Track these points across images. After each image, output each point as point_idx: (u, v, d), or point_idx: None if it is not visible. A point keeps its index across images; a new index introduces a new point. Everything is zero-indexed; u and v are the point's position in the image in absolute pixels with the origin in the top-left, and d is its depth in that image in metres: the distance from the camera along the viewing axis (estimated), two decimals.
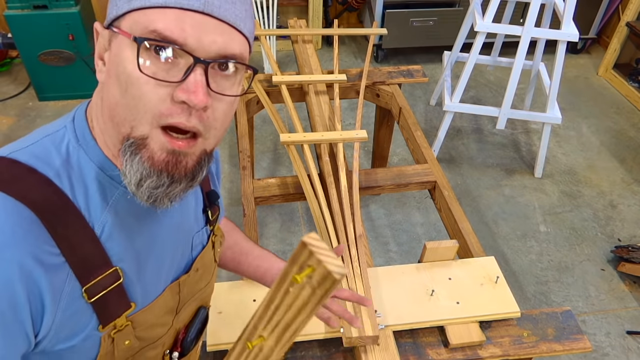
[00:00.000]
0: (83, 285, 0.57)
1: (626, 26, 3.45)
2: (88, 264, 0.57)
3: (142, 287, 0.65)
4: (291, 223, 2.53)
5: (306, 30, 2.27)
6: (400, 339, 1.15)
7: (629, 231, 2.55)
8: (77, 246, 0.56)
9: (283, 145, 1.64)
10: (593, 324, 2.13)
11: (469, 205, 2.65)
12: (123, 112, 0.54)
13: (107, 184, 0.60)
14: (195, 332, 0.78)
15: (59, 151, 0.58)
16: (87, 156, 0.59)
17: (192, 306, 0.77)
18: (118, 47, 0.54)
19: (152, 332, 0.68)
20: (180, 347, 0.76)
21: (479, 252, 1.40)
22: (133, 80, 0.52)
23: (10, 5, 2.80)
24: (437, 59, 3.68)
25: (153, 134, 0.54)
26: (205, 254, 0.77)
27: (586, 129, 3.23)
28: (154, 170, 0.55)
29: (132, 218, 0.62)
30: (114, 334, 0.62)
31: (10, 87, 3.34)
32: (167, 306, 0.70)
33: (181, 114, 0.53)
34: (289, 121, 2.89)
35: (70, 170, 0.58)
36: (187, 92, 0.52)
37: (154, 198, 0.56)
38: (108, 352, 0.64)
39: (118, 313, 0.62)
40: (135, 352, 0.68)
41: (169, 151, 0.55)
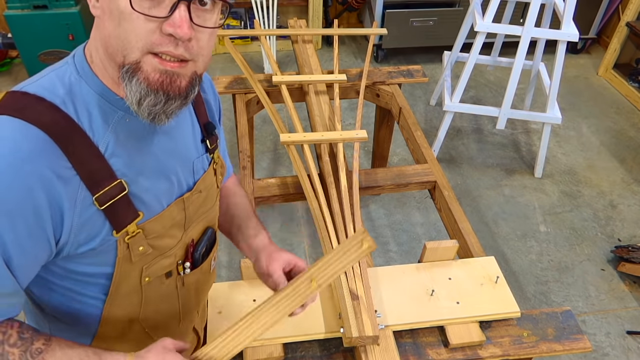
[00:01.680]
0: (93, 195, 0.66)
1: (626, 26, 3.45)
2: (96, 176, 0.66)
3: (147, 199, 0.73)
4: (291, 223, 2.53)
5: (306, 30, 2.27)
6: (400, 339, 1.15)
7: (629, 231, 2.55)
8: (85, 161, 0.65)
9: (283, 145, 1.65)
10: (593, 324, 2.13)
11: (469, 205, 2.65)
12: (116, 43, 0.62)
13: (107, 108, 0.68)
14: (204, 248, 0.87)
15: (63, 82, 0.66)
16: (88, 85, 0.67)
17: (199, 225, 0.86)
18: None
19: (163, 242, 0.78)
20: (191, 258, 0.85)
21: (479, 252, 1.40)
22: (125, 15, 0.60)
23: (10, 5, 2.80)
24: (437, 59, 3.68)
25: (145, 59, 0.62)
26: (207, 177, 0.85)
27: (586, 129, 3.23)
28: (151, 89, 0.63)
29: (132, 138, 0.70)
30: (128, 239, 0.72)
31: (10, 87, 3.31)
32: (174, 220, 0.78)
33: (169, 44, 0.61)
34: (289, 121, 2.89)
35: (73, 98, 0.66)
36: (173, 26, 0.60)
37: (154, 115, 0.65)
38: (125, 256, 0.73)
39: (128, 220, 0.71)
40: (151, 259, 0.77)
41: (162, 71, 0.63)
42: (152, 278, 0.79)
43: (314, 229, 2.47)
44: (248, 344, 0.83)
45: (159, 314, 0.86)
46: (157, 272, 0.79)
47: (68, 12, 2.85)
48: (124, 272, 0.75)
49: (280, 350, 1.09)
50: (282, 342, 1.11)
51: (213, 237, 0.90)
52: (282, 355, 1.09)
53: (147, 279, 0.78)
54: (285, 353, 1.10)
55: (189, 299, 0.91)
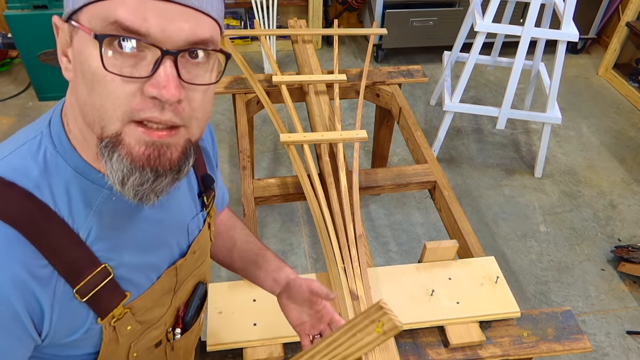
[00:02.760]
0: (74, 287, 0.58)
1: (626, 26, 3.45)
2: (76, 267, 0.57)
3: (136, 277, 0.65)
4: (291, 223, 2.53)
5: (306, 30, 2.27)
6: (400, 339, 1.15)
7: (629, 231, 2.55)
8: (62, 253, 0.56)
9: (283, 145, 1.64)
10: (593, 324, 2.13)
11: (469, 205, 2.65)
12: (92, 112, 0.52)
13: (89, 188, 0.58)
14: (195, 308, 0.79)
15: (36, 160, 0.56)
16: (66, 162, 0.57)
17: (190, 284, 0.77)
18: (80, 44, 0.51)
19: (152, 314, 0.69)
20: (182, 323, 0.77)
21: (479, 252, 1.40)
22: (99, 78, 0.49)
23: (10, 5, 2.80)
24: (437, 59, 3.68)
25: (126, 129, 0.51)
26: (201, 236, 0.77)
27: (586, 129, 3.23)
28: (135, 166, 0.52)
29: (119, 217, 0.61)
30: (114, 322, 0.64)
31: (10, 87, 3.34)
32: (164, 289, 0.71)
33: (153, 108, 0.50)
34: (289, 121, 2.89)
35: (50, 179, 0.56)
36: (157, 87, 0.49)
37: (140, 195, 0.54)
38: (112, 339, 0.65)
39: (114, 305, 0.63)
40: (138, 335, 0.69)
41: (148, 143, 0.52)
42: (141, 352, 0.71)
43: (314, 229, 2.47)
44: None
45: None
46: (146, 345, 0.72)
47: None
48: (110, 353, 0.67)
49: (280, 350, 1.09)
50: (282, 342, 1.11)
51: (204, 293, 0.82)
52: (282, 355, 1.09)
53: (135, 355, 0.70)
54: (285, 353, 1.10)
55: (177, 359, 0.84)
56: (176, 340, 0.77)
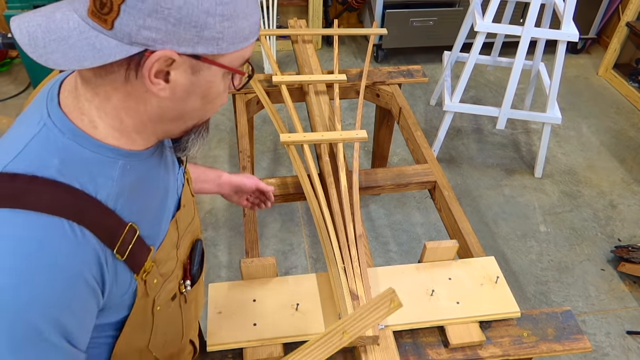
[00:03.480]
0: (113, 249, 0.64)
1: (626, 26, 3.45)
2: (111, 232, 0.64)
3: (154, 231, 0.73)
4: (291, 223, 2.53)
5: (306, 30, 2.27)
6: (400, 339, 1.15)
7: (629, 231, 2.55)
8: (99, 223, 0.62)
9: (283, 145, 1.65)
10: (593, 324, 2.13)
11: (469, 205, 2.65)
12: (201, 114, 0.70)
13: (106, 162, 0.64)
14: (198, 262, 0.87)
15: (51, 150, 0.61)
16: (79, 145, 0.62)
17: (187, 239, 0.85)
18: (212, 75, 0.64)
19: (167, 267, 0.77)
20: (190, 275, 0.85)
21: (479, 252, 1.40)
22: (221, 94, 0.68)
23: (10, 5, 2.80)
24: (437, 59, 3.69)
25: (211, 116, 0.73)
26: (185, 190, 0.86)
27: (586, 129, 3.23)
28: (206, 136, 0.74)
29: (136, 180, 0.69)
30: (145, 276, 0.71)
31: (10, 87, 3.34)
32: (172, 242, 0.79)
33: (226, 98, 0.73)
34: (288, 121, 2.89)
35: (68, 163, 0.61)
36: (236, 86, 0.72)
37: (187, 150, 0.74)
38: (143, 294, 0.72)
39: (144, 259, 0.70)
40: (159, 288, 0.76)
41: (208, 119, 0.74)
42: (162, 305, 0.79)
43: (314, 229, 2.47)
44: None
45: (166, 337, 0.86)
46: (165, 298, 0.79)
47: None
48: (140, 307, 0.74)
49: (280, 350, 1.09)
50: (282, 342, 1.11)
51: (202, 248, 0.91)
52: (282, 355, 1.09)
53: (158, 308, 0.78)
54: (285, 353, 1.10)
55: (190, 315, 0.92)
56: (187, 292, 0.85)
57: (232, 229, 2.45)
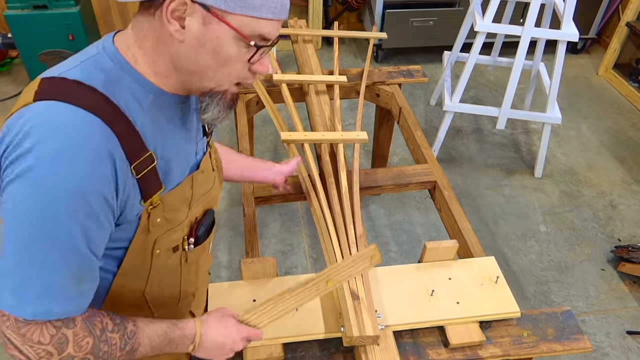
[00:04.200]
0: (132, 164, 0.73)
1: (626, 26, 3.45)
2: (134, 149, 0.74)
3: (169, 173, 0.82)
4: (291, 223, 2.53)
5: (306, 30, 2.27)
6: (400, 339, 1.15)
7: (629, 231, 2.55)
8: (127, 137, 0.72)
9: (283, 143, 1.64)
10: (593, 324, 2.13)
11: (469, 205, 2.65)
12: (214, 75, 0.75)
13: (140, 93, 0.76)
14: (206, 227, 0.95)
15: (100, 69, 0.73)
16: (122, 71, 0.74)
17: (200, 206, 0.94)
18: (221, 32, 0.70)
19: (175, 215, 0.86)
20: (195, 235, 0.93)
21: (479, 252, 1.40)
22: (232, 60, 0.74)
23: (10, 5, 2.80)
24: (437, 59, 3.69)
25: (231, 88, 0.79)
26: (206, 159, 0.95)
27: (586, 129, 3.23)
28: (225, 107, 0.80)
29: (160, 118, 0.79)
30: (150, 209, 0.80)
31: (10, 87, 3.34)
32: (184, 195, 0.87)
33: (252, 78, 0.79)
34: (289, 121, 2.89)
35: (111, 82, 0.73)
36: (263, 67, 0.77)
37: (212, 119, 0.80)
38: (145, 226, 0.81)
39: (154, 190, 0.79)
40: (164, 232, 0.85)
41: (234, 95, 0.81)
42: (162, 251, 0.87)
43: (314, 229, 2.47)
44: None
45: (162, 289, 0.93)
46: (167, 245, 0.87)
47: (68, 12, 2.84)
48: (139, 243, 0.82)
49: (280, 350, 1.09)
50: (282, 342, 1.11)
51: (212, 219, 0.99)
52: (282, 355, 1.09)
53: (157, 252, 0.86)
54: (285, 353, 1.10)
55: (189, 276, 0.98)
56: (190, 251, 0.93)
57: (232, 229, 2.45)
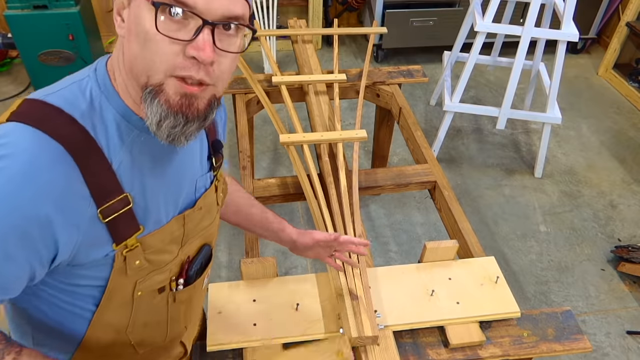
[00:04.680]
0: (99, 207, 0.67)
1: (626, 26, 3.45)
2: (104, 190, 0.67)
3: (150, 214, 0.74)
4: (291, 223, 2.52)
5: (306, 30, 2.27)
6: (400, 339, 1.15)
7: (629, 231, 2.55)
8: (96, 175, 0.66)
9: (283, 145, 1.65)
10: (593, 324, 2.13)
11: (469, 205, 2.65)
12: (141, 64, 0.63)
13: (124, 126, 0.69)
14: (199, 265, 0.87)
15: (84, 96, 0.68)
16: (108, 102, 0.68)
17: (196, 242, 0.86)
18: (137, 8, 0.62)
19: (160, 257, 0.78)
20: (186, 275, 0.85)
21: (479, 252, 1.40)
22: (151, 37, 0.61)
23: (10, 5, 2.80)
24: (437, 59, 3.68)
25: (168, 81, 0.63)
26: (208, 195, 0.87)
27: (586, 129, 3.23)
28: (171, 111, 0.64)
29: (145, 156, 0.72)
30: (126, 252, 0.72)
31: (10, 87, 3.34)
32: (172, 235, 0.79)
33: (191, 68, 0.62)
34: (288, 121, 2.89)
35: (93, 113, 0.67)
36: (197, 49, 0.61)
37: (173, 137, 0.66)
38: (121, 269, 0.73)
39: (129, 233, 0.71)
40: (146, 274, 0.77)
41: (182, 94, 0.64)
42: (145, 292, 0.79)
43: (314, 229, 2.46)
44: None
45: (147, 328, 0.86)
46: (151, 286, 0.80)
47: (68, 12, 2.84)
48: (117, 285, 0.75)
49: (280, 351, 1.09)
50: (282, 342, 1.11)
51: (209, 255, 0.91)
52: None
53: (139, 293, 0.79)
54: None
55: (178, 315, 0.91)
56: (179, 291, 0.85)
57: (232, 228, 2.45)
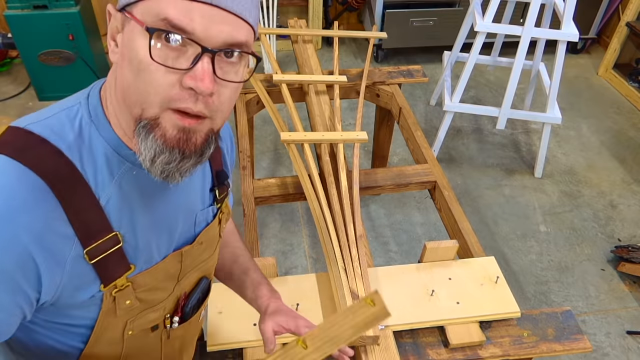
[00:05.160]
0: (85, 248, 0.62)
1: (626, 26, 3.45)
2: (91, 229, 0.62)
3: (142, 252, 0.69)
4: (291, 223, 2.53)
5: (306, 30, 2.27)
6: (400, 339, 1.15)
7: (629, 231, 2.55)
8: (82, 213, 0.61)
9: (283, 143, 1.65)
10: (593, 324, 2.13)
11: (469, 205, 2.65)
12: (135, 95, 0.58)
13: (114, 159, 0.64)
14: (196, 301, 0.82)
15: (73, 126, 0.62)
16: (98, 132, 0.63)
17: (194, 276, 0.81)
18: (131, 33, 0.57)
19: (153, 295, 0.73)
20: (181, 312, 0.81)
21: (479, 252, 1.40)
22: (145, 66, 0.55)
23: (10, 5, 2.80)
24: (437, 59, 3.68)
25: (164, 115, 0.58)
26: (210, 229, 0.81)
27: (586, 129, 3.23)
28: (167, 147, 0.58)
29: (136, 192, 0.67)
30: (115, 292, 0.68)
31: (10, 87, 3.34)
32: (168, 272, 0.75)
33: (188, 99, 0.57)
34: (289, 121, 2.89)
35: (81, 144, 0.62)
36: (195, 79, 0.55)
37: (167, 173, 0.60)
38: (110, 309, 0.69)
39: (118, 274, 0.67)
40: (137, 313, 0.73)
41: (180, 128, 0.58)
42: (136, 331, 0.75)
43: (314, 229, 2.47)
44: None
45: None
46: (142, 325, 0.75)
47: (68, 12, 2.84)
48: (106, 325, 0.71)
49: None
50: (282, 342, 1.11)
51: (207, 288, 0.86)
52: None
53: (130, 332, 0.74)
54: None
55: (172, 353, 0.86)
56: (173, 329, 0.80)
57: None
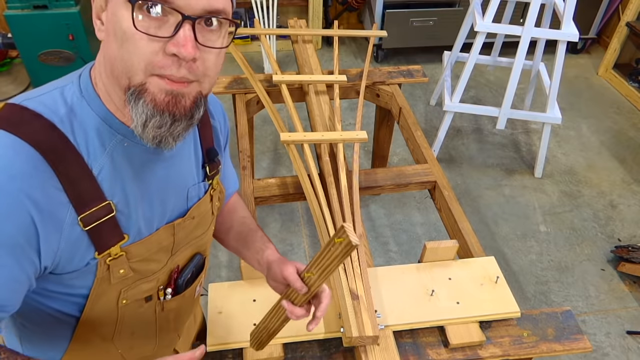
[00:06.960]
0: (79, 215, 0.65)
1: (626, 26, 3.45)
2: (84, 197, 0.65)
3: (135, 222, 0.72)
4: (291, 223, 2.53)
5: (306, 30, 2.27)
6: (400, 339, 1.15)
7: (629, 231, 2.55)
8: (75, 182, 0.64)
9: (283, 144, 1.65)
10: (593, 324, 2.13)
11: (469, 205, 2.65)
12: (120, 65, 0.61)
13: (105, 131, 0.67)
14: (189, 275, 0.85)
15: (65, 101, 0.66)
16: (89, 106, 0.66)
17: (188, 251, 0.84)
18: (114, 7, 0.60)
19: (147, 266, 0.76)
20: (174, 285, 0.83)
21: (479, 252, 1.40)
22: (129, 35, 0.58)
23: (10, 5, 2.80)
24: (437, 59, 3.68)
25: (150, 80, 0.61)
26: (202, 204, 0.84)
27: (586, 129, 3.23)
28: (157, 110, 0.61)
29: (128, 163, 0.69)
30: (110, 261, 0.71)
31: (10, 87, 3.34)
32: (161, 245, 0.77)
33: (172, 66, 0.60)
34: (288, 121, 2.89)
35: (73, 118, 0.65)
36: (177, 45, 0.58)
37: (159, 138, 0.64)
38: (104, 278, 0.72)
39: (112, 242, 0.70)
40: (131, 283, 0.76)
41: (168, 92, 0.61)
42: (130, 301, 0.78)
43: (314, 229, 2.47)
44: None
45: (135, 336, 0.84)
46: (136, 295, 0.78)
47: (68, 12, 2.84)
48: (100, 293, 0.73)
49: (280, 351, 1.09)
50: (282, 342, 1.11)
51: (201, 264, 0.88)
52: (282, 355, 1.09)
53: (124, 302, 0.77)
54: (285, 353, 1.10)
55: (167, 324, 0.89)
56: (167, 300, 0.83)
57: None
